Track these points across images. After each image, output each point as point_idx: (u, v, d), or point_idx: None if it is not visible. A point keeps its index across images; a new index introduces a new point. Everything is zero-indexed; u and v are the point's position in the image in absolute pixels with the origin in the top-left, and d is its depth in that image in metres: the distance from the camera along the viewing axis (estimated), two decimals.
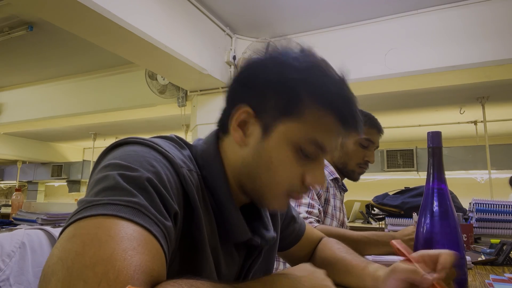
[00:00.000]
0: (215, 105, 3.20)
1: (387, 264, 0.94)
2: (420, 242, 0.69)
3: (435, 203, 0.69)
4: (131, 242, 0.37)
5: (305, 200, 1.16)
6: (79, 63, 3.85)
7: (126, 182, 0.42)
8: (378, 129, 1.35)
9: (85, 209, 0.40)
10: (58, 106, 4.36)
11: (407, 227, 1.15)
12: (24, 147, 6.56)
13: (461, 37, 2.61)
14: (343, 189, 1.44)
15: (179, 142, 0.57)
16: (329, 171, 1.35)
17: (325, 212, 1.26)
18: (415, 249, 0.69)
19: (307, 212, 1.13)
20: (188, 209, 0.50)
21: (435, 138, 0.73)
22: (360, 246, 1.07)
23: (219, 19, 2.98)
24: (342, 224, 1.37)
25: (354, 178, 1.38)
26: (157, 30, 2.32)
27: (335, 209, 1.31)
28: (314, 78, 0.54)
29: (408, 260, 0.56)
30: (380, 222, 1.86)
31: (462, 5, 2.63)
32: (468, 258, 0.94)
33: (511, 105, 4.37)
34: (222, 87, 3.13)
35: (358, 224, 3.87)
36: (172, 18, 2.50)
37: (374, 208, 1.77)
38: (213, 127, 0.64)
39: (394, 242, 0.59)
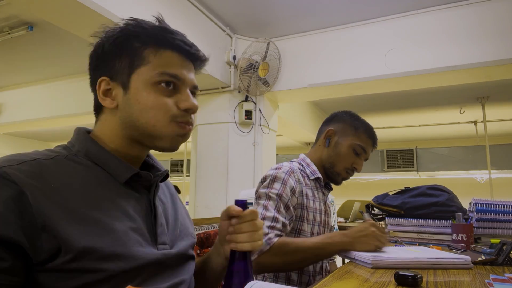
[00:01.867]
0: (215, 105, 3.21)
1: (391, 264, 0.94)
2: None
3: None
4: None
5: (270, 213, 1.12)
6: (79, 63, 3.85)
7: None
8: (374, 142, 1.34)
9: None
10: (58, 106, 4.36)
11: (361, 223, 1.13)
12: (24, 147, 6.56)
13: (461, 37, 2.61)
14: (328, 188, 1.39)
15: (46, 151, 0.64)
16: (311, 170, 1.32)
17: (302, 218, 1.21)
18: None
19: (269, 227, 1.09)
20: (59, 180, 0.55)
21: None
22: (316, 252, 1.07)
23: (219, 19, 2.98)
24: (325, 226, 1.32)
25: (337, 181, 1.34)
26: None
27: (315, 212, 1.27)
28: (136, 28, 0.65)
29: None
30: (380, 222, 1.86)
31: (462, 5, 2.63)
32: (468, 258, 0.94)
33: (511, 105, 4.38)
34: (222, 87, 3.14)
35: (358, 224, 3.87)
36: (172, 18, 2.50)
37: (374, 208, 1.77)
38: (213, 127, 0.68)
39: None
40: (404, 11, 2.78)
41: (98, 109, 0.69)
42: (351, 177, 1.38)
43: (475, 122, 4.81)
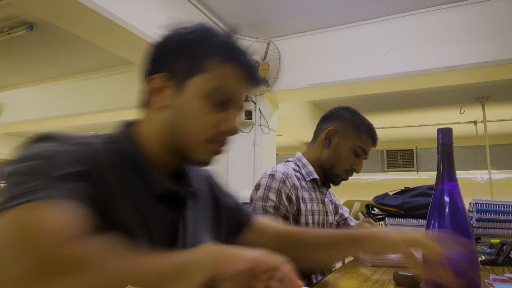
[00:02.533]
0: None
1: (391, 263, 0.94)
2: None
3: (447, 204, 0.65)
4: (47, 211, 0.43)
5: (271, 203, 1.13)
6: (79, 63, 3.85)
7: (23, 175, 0.47)
8: (374, 141, 1.32)
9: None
10: (58, 106, 4.36)
11: (357, 225, 1.12)
12: None
13: (461, 37, 2.61)
14: (326, 186, 1.37)
15: (85, 136, 0.62)
16: (307, 171, 1.29)
17: (299, 222, 1.19)
18: None
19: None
20: (102, 176, 0.55)
21: (445, 135, 0.67)
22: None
23: (219, 19, 2.98)
24: (324, 226, 1.31)
25: (336, 182, 1.32)
26: (157, 29, 2.31)
27: (313, 214, 1.26)
28: (206, 34, 0.63)
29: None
30: (380, 222, 1.86)
31: (462, 5, 2.63)
32: None
33: (511, 105, 4.37)
34: None
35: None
36: (172, 18, 2.49)
37: (374, 208, 1.77)
38: None
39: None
40: (404, 11, 2.77)
41: (143, 104, 0.67)
42: (350, 177, 1.36)
43: (475, 122, 4.81)
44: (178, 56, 0.63)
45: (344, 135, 1.29)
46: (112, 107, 4.01)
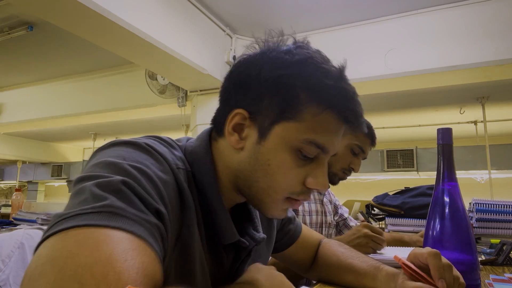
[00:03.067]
0: (215, 105, 3.19)
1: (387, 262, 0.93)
2: (431, 245, 0.66)
3: (447, 204, 0.66)
4: (124, 245, 0.35)
5: None
6: (79, 63, 3.85)
7: (99, 188, 0.39)
8: (372, 141, 1.31)
9: (58, 223, 0.36)
10: (58, 106, 4.36)
11: (356, 227, 1.12)
12: (24, 147, 6.55)
13: (461, 37, 2.61)
14: None
15: (166, 140, 0.55)
16: None
17: None
18: None
19: None
20: (182, 208, 0.48)
21: (445, 135, 0.67)
22: None
23: (219, 19, 2.98)
24: (322, 226, 1.31)
25: (334, 182, 1.32)
26: (157, 30, 2.32)
27: (310, 215, 1.26)
28: (308, 72, 0.50)
29: (413, 273, 0.56)
30: (380, 222, 1.86)
31: (462, 5, 2.63)
32: None
33: (511, 105, 4.37)
34: None
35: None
36: (172, 18, 2.49)
37: (374, 208, 1.77)
38: None
39: (398, 257, 0.57)
40: (404, 11, 2.77)
41: (219, 130, 0.56)
42: (350, 177, 1.36)
43: (475, 122, 4.81)
44: (268, 93, 0.51)
45: None
46: (112, 107, 4.01)
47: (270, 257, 1.02)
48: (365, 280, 0.70)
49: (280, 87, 0.50)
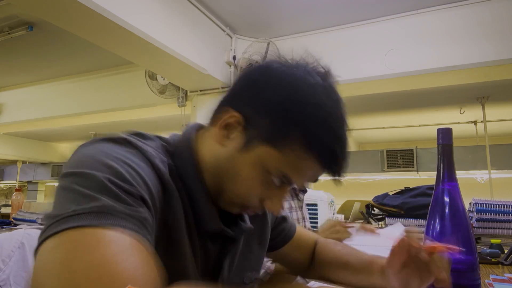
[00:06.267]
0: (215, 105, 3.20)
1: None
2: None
3: (447, 204, 0.66)
4: (114, 246, 0.35)
5: None
6: (79, 63, 3.85)
7: (85, 188, 0.40)
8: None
9: (52, 225, 0.37)
10: (58, 106, 4.36)
11: (329, 221, 1.14)
12: (24, 147, 6.55)
13: (461, 37, 2.61)
14: (303, 191, 1.36)
15: (144, 135, 0.56)
16: None
17: None
18: None
19: None
20: (165, 198, 0.50)
21: (445, 135, 0.67)
22: None
23: (219, 19, 2.98)
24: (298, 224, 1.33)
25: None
26: (157, 30, 2.32)
27: (289, 212, 1.25)
28: (314, 120, 0.50)
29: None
30: (380, 222, 1.86)
31: (462, 5, 2.63)
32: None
33: (511, 105, 4.37)
34: (222, 87, 3.13)
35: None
36: (172, 18, 2.50)
37: (374, 208, 1.77)
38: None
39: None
40: (404, 11, 2.77)
41: (212, 121, 0.59)
42: (350, 177, 1.36)
43: (475, 122, 4.81)
44: (267, 110, 0.52)
45: None
46: (112, 107, 4.01)
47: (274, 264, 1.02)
48: (361, 275, 0.71)
49: (280, 117, 0.51)
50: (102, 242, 0.35)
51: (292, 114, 0.50)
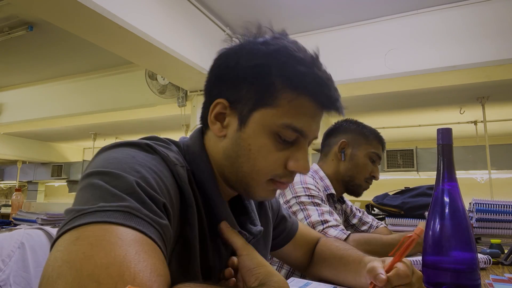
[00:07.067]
0: None
1: None
2: (431, 245, 0.66)
3: (447, 204, 0.66)
4: (137, 246, 0.36)
5: (325, 208, 1.12)
6: (79, 63, 3.85)
7: (113, 187, 0.40)
8: (383, 147, 1.34)
9: (77, 218, 0.37)
10: (58, 106, 4.36)
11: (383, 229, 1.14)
12: (24, 147, 6.56)
13: (461, 37, 2.61)
14: (341, 201, 1.40)
15: (164, 140, 0.57)
16: (325, 185, 1.28)
17: None
18: (424, 252, 0.66)
19: (335, 219, 1.11)
20: (183, 206, 0.50)
21: (445, 135, 0.67)
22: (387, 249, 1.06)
23: (219, 19, 2.98)
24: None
25: (359, 193, 1.32)
26: (157, 30, 2.32)
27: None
28: (282, 60, 0.53)
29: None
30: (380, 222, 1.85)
31: (462, 5, 2.63)
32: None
33: (511, 105, 4.37)
34: None
35: None
36: (172, 18, 2.50)
37: (374, 208, 1.77)
38: None
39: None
40: (404, 11, 2.77)
41: (205, 124, 0.59)
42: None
43: (475, 122, 4.81)
44: (245, 82, 0.54)
45: (356, 145, 1.31)
46: (112, 107, 4.01)
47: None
48: (353, 265, 0.71)
49: (256, 76, 0.53)
50: (126, 240, 0.36)
51: (267, 67, 0.53)
